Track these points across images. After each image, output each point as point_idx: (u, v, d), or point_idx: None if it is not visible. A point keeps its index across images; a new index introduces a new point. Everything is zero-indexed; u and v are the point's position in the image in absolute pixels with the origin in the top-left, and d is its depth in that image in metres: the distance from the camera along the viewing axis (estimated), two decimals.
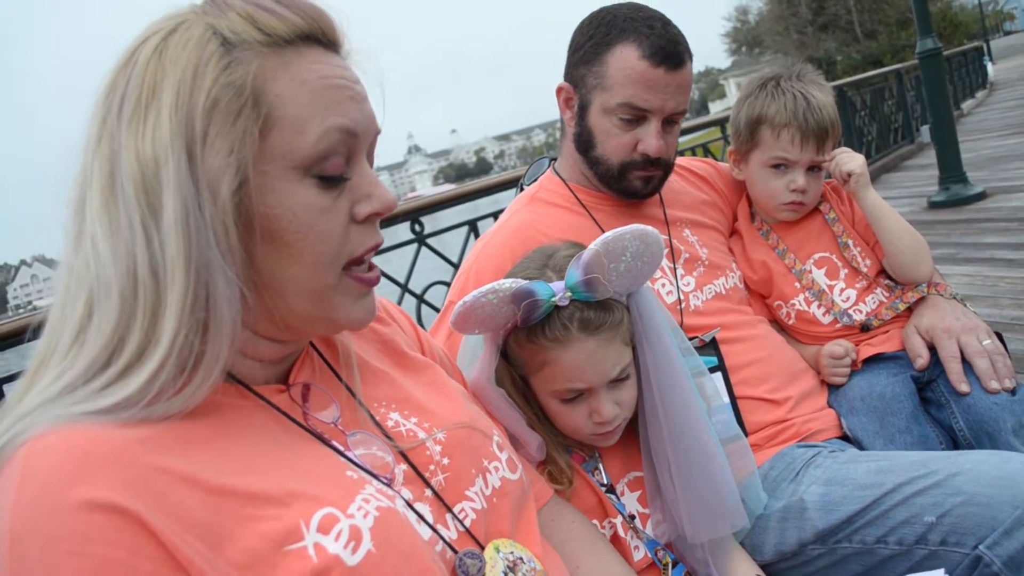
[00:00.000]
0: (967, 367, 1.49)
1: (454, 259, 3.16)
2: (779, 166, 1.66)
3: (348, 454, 0.82)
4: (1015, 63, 28.73)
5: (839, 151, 1.66)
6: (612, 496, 1.24)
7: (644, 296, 1.21)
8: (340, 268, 0.79)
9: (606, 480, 1.25)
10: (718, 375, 1.48)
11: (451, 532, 0.85)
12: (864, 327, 1.64)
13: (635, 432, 1.27)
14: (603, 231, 1.12)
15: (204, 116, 0.70)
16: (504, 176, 3.70)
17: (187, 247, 0.68)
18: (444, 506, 0.87)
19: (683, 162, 1.86)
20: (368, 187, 0.80)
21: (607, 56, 1.50)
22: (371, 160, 0.84)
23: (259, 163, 0.73)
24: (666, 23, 1.51)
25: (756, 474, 1.32)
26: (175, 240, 0.68)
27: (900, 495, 1.22)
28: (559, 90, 1.62)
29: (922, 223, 5.77)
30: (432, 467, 0.89)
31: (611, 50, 1.49)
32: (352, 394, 0.90)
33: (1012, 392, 1.44)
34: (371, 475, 0.81)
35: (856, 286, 1.66)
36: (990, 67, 22.50)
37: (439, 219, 3.36)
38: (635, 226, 1.11)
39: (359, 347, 0.98)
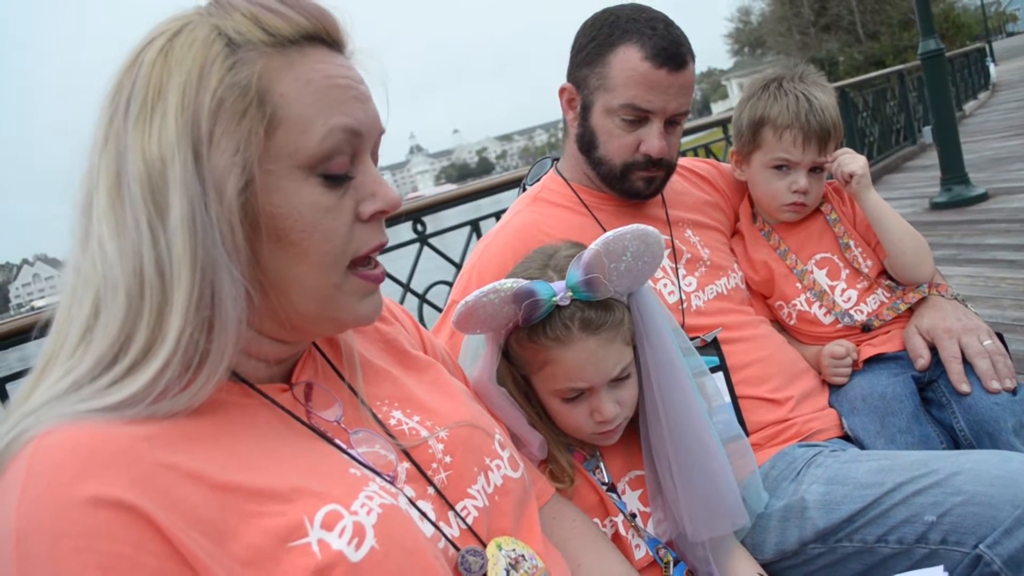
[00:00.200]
0: (968, 367, 1.49)
1: (456, 259, 3.17)
2: (781, 167, 1.66)
3: (351, 452, 0.82)
4: (1018, 64, 28.70)
5: (840, 152, 1.67)
6: (613, 495, 1.24)
7: (645, 296, 1.21)
8: (345, 267, 0.79)
9: (607, 479, 1.26)
10: (719, 375, 1.48)
11: (453, 530, 0.86)
12: (865, 327, 1.64)
13: (636, 431, 1.27)
14: (605, 231, 1.13)
15: (210, 116, 0.70)
16: (506, 176, 3.70)
17: (193, 246, 0.69)
18: (446, 504, 0.87)
19: (685, 163, 1.87)
20: (373, 186, 0.81)
21: (610, 57, 1.50)
22: (375, 159, 0.85)
23: (264, 162, 0.73)
24: (668, 24, 1.51)
25: (757, 473, 1.32)
26: (181, 239, 0.69)
27: (901, 494, 1.23)
28: (562, 91, 1.63)
29: (924, 224, 5.77)
30: (434, 465, 0.89)
31: (614, 51, 1.50)
32: (355, 393, 0.90)
33: (1013, 392, 1.44)
34: (374, 473, 0.81)
35: (857, 287, 1.66)
36: (992, 68, 22.50)
37: (441, 219, 3.37)
38: (635, 226, 1.11)
39: (362, 346, 0.98)
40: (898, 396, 1.50)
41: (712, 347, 1.51)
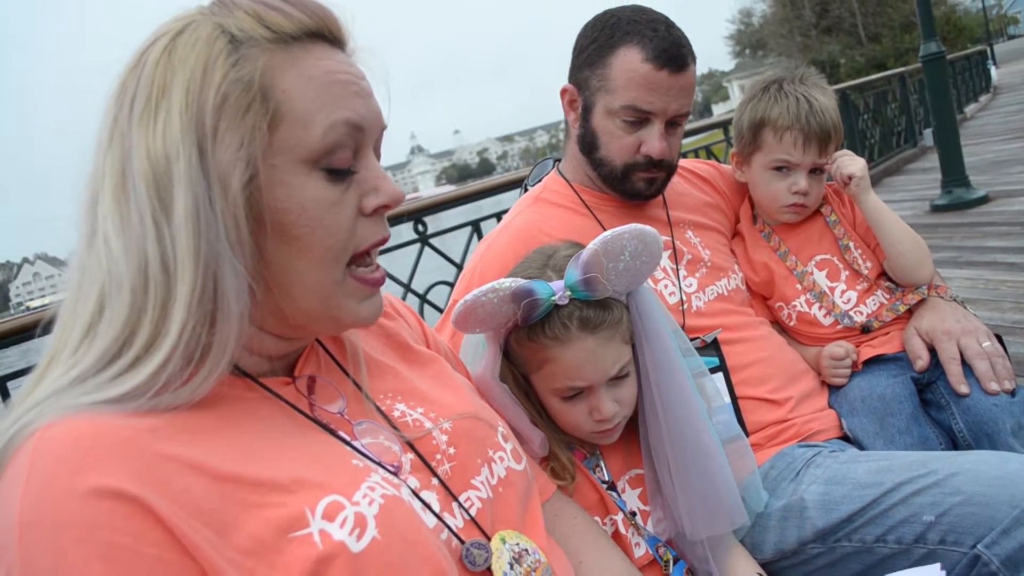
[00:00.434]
0: (967, 369, 1.49)
1: (457, 259, 3.17)
2: (781, 168, 1.67)
3: (354, 443, 0.83)
4: (1019, 67, 28.70)
5: (840, 154, 1.67)
6: (613, 493, 1.25)
7: (643, 295, 1.22)
8: (345, 263, 0.80)
9: (607, 477, 1.26)
10: (719, 375, 1.48)
11: (457, 521, 0.86)
12: (865, 329, 1.64)
13: (636, 430, 1.28)
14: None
15: (214, 112, 0.71)
16: (507, 177, 3.70)
17: (196, 240, 0.69)
18: (450, 495, 0.87)
19: (686, 164, 1.87)
20: (375, 180, 0.82)
21: (611, 58, 1.51)
22: (378, 155, 0.85)
23: (268, 157, 0.74)
24: (670, 26, 1.51)
25: (756, 473, 1.33)
26: (185, 234, 0.69)
27: (899, 494, 1.23)
28: (563, 92, 1.63)
29: (924, 226, 5.77)
30: (438, 456, 0.90)
31: (615, 52, 1.50)
32: (358, 387, 0.91)
33: (1011, 394, 1.45)
34: (377, 464, 0.81)
35: (857, 288, 1.67)
36: (994, 71, 22.51)
37: (441, 219, 3.38)
38: (634, 226, 1.12)
39: (365, 342, 0.99)
40: (897, 397, 1.50)
41: (712, 348, 1.51)
